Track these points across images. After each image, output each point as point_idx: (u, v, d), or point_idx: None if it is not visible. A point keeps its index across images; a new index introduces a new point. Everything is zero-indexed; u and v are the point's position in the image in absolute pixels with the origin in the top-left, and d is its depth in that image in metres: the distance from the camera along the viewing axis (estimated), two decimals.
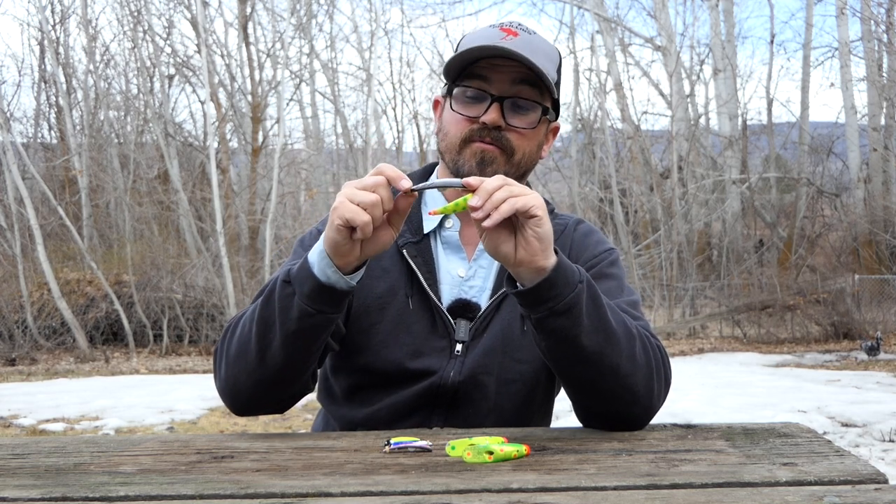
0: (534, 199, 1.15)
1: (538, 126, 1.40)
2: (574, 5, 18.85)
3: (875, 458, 5.00)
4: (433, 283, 1.43)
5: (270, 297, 1.25)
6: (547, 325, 1.19)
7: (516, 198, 1.13)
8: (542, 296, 1.17)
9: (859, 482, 0.94)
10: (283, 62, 16.43)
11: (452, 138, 1.41)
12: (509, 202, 1.13)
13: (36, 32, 18.23)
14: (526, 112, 1.38)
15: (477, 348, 1.41)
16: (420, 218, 1.48)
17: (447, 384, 1.40)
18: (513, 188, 1.15)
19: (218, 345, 1.36)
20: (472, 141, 1.38)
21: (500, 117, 1.36)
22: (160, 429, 6.52)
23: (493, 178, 1.16)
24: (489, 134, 1.37)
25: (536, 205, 1.14)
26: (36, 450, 1.19)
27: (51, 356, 12.57)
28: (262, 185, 17.00)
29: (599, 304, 1.21)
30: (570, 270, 1.19)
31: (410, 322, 1.42)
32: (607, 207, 17.80)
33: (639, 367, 1.25)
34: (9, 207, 14.32)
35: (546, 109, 1.40)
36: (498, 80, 1.36)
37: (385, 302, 1.43)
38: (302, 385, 1.34)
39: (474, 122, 1.38)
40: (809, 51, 18.87)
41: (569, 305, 1.17)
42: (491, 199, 1.13)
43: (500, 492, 0.92)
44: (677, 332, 14.12)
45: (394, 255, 1.45)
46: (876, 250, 16.49)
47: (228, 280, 13.34)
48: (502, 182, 1.15)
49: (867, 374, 9.02)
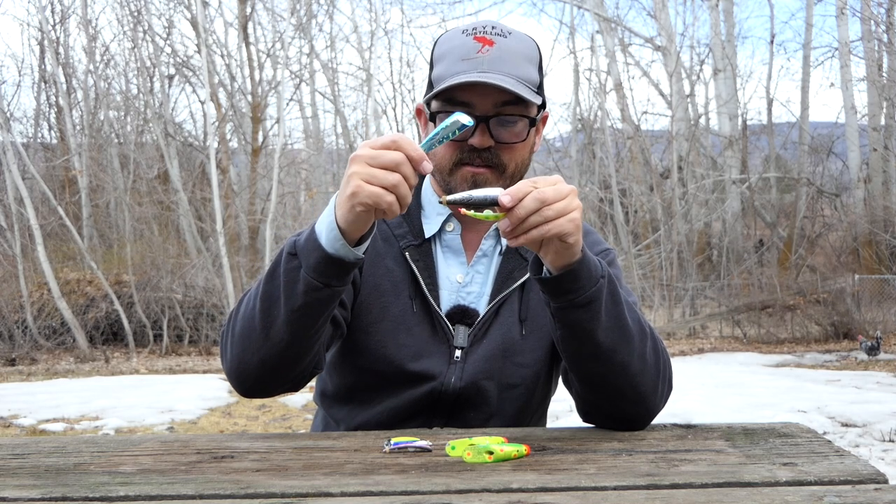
0: (567, 226, 1.11)
1: (528, 136, 1.38)
2: (574, 5, 18.85)
3: (875, 458, 5.00)
4: (433, 289, 1.43)
5: (276, 270, 1.20)
6: (566, 316, 1.19)
7: (550, 224, 1.10)
8: (564, 287, 1.17)
9: (859, 482, 0.94)
10: (283, 62, 16.44)
11: (442, 161, 1.37)
12: (540, 230, 1.10)
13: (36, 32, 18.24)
14: (513, 125, 1.35)
15: (477, 354, 1.41)
16: (420, 221, 1.47)
17: (448, 390, 1.39)
18: (547, 211, 1.09)
19: (224, 327, 1.32)
20: (463, 164, 1.35)
21: (488, 138, 1.33)
22: (160, 429, 6.52)
23: (529, 199, 1.09)
24: (479, 155, 1.34)
25: (568, 231, 1.11)
26: (36, 450, 1.19)
27: (51, 356, 12.56)
28: (262, 185, 17.00)
29: (618, 301, 1.22)
30: (593, 264, 1.19)
31: (411, 325, 1.41)
32: (607, 207, 17.80)
33: (648, 367, 1.26)
34: (9, 207, 14.32)
35: (532, 120, 1.37)
36: (480, 103, 1.32)
37: (388, 301, 1.42)
38: (310, 363, 1.29)
39: (463, 144, 1.34)
40: (809, 51, 18.88)
41: (589, 299, 1.18)
42: (522, 225, 1.10)
43: (500, 492, 0.92)
44: (677, 332, 14.11)
45: (397, 256, 1.44)
46: (876, 250, 16.48)
47: (228, 280, 13.34)
48: (538, 206, 1.09)
49: (867, 374, 9.01)
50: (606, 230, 17.16)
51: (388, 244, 1.45)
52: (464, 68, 1.31)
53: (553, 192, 1.10)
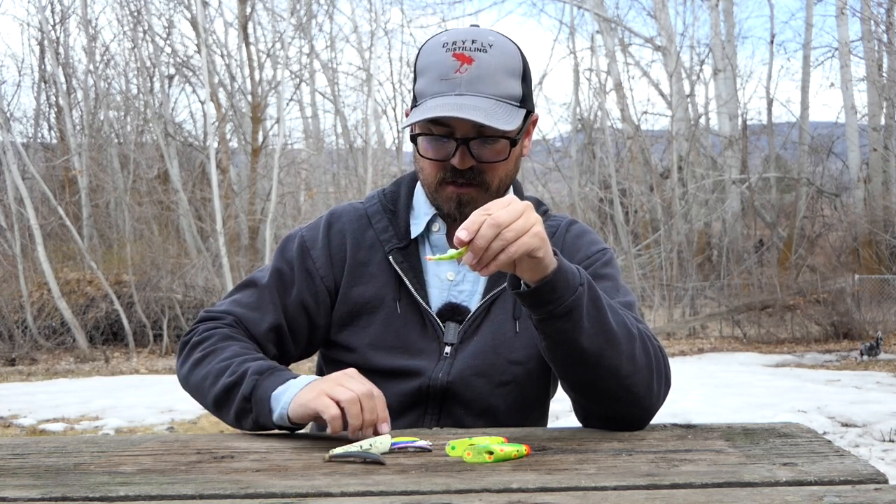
0: (530, 242, 1.10)
1: (510, 154, 1.38)
2: (574, 5, 18.85)
3: (875, 458, 5.00)
4: (421, 288, 1.44)
5: (231, 394, 1.31)
6: (547, 326, 1.19)
7: (512, 245, 1.09)
8: (542, 298, 1.17)
9: (859, 482, 0.94)
10: (283, 62, 16.45)
11: (428, 177, 1.41)
12: (506, 253, 1.09)
13: (36, 32, 18.24)
14: (494, 143, 1.35)
15: (467, 350, 1.42)
16: (407, 222, 1.48)
17: (436, 385, 1.40)
18: (507, 234, 1.08)
19: (186, 340, 1.43)
20: (447, 184, 1.38)
21: (469, 158, 1.34)
22: (160, 429, 6.52)
23: (485, 228, 1.08)
24: (462, 175, 1.36)
25: (533, 247, 1.10)
26: (36, 450, 1.19)
27: (51, 356, 12.57)
28: (262, 185, 17.01)
29: (600, 307, 1.21)
30: (570, 273, 1.18)
31: (399, 325, 1.43)
32: (607, 207, 17.80)
33: (639, 368, 1.25)
34: (9, 207, 14.33)
35: (514, 141, 1.37)
36: (459, 126, 1.33)
37: (373, 307, 1.44)
38: None
39: (445, 163, 1.36)
40: (809, 51, 18.88)
41: (569, 308, 1.17)
42: (486, 254, 1.10)
43: (500, 492, 0.92)
44: (677, 332, 14.11)
45: (381, 262, 1.46)
46: (876, 250, 16.49)
47: (228, 280, 13.34)
48: (494, 232, 1.08)
49: (867, 374, 9.01)
50: (606, 230, 17.16)
51: (372, 251, 1.47)
52: (442, 89, 1.32)
53: (507, 213, 1.10)
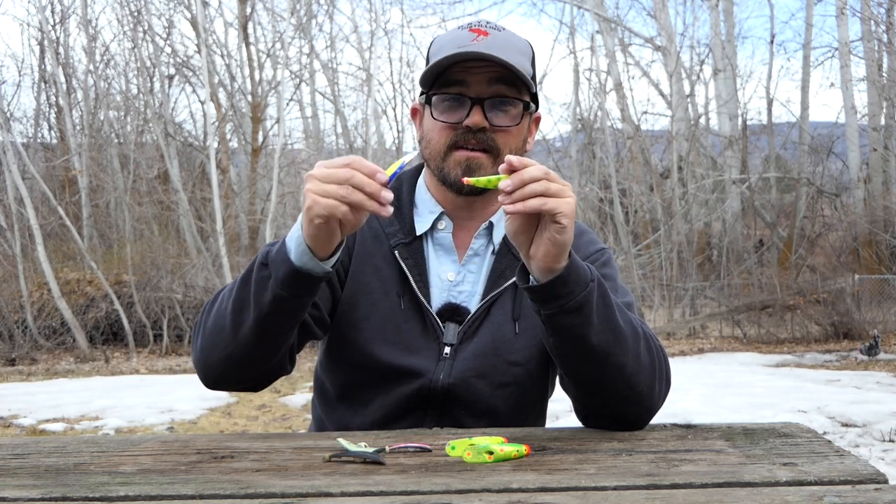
0: (564, 206, 1.13)
1: (521, 121, 1.41)
2: (574, 5, 18.85)
3: (875, 458, 5.00)
4: (423, 286, 1.44)
5: (248, 277, 1.25)
6: (556, 322, 1.19)
7: (548, 198, 1.12)
8: (553, 293, 1.17)
9: (859, 482, 0.94)
10: (283, 62, 16.44)
11: (437, 145, 1.40)
12: (539, 200, 1.12)
13: (36, 32, 18.22)
14: (508, 109, 1.38)
15: (466, 351, 1.42)
16: (412, 218, 1.48)
17: (437, 386, 1.40)
18: (550, 186, 1.12)
19: (198, 318, 1.36)
20: (458, 148, 1.38)
21: (483, 119, 1.36)
22: (160, 429, 6.52)
23: (536, 168, 1.13)
24: (474, 137, 1.37)
25: (565, 212, 1.13)
26: (36, 450, 1.19)
27: (51, 356, 12.56)
28: (262, 185, 17.00)
29: (609, 304, 1.22)
30: (582, 269, 1.19)
31: (400, 322, 1.42)
32: (607, 207, 17.80)
33: (643, 367, 1.26)
34: (9, 207, 14.31)
35: (527, 104, 1.40)
36: (475, 82, 1.35)
37: (376, 299, 1.43)
38: (275, 366, 1.34)
39: (457, 127, 1.37)
40: (809, 51, 18.87)
41: (579, 304, 1.17)
42: (522, 190, 1.12)
43: (500, 492, 0.92)
44: (677, 332, 14.11)
45: (386, 255, 1.45)
46: (876, 250, 16.48)
47: (228, 280, 13.33)
48: (543, 175, 1.13)
49: (867, 374, 9.01)
50: (606, 230, 17.16)
51: (377, 242, 1.46)
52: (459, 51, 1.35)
53: (556, 176, 1.15)
